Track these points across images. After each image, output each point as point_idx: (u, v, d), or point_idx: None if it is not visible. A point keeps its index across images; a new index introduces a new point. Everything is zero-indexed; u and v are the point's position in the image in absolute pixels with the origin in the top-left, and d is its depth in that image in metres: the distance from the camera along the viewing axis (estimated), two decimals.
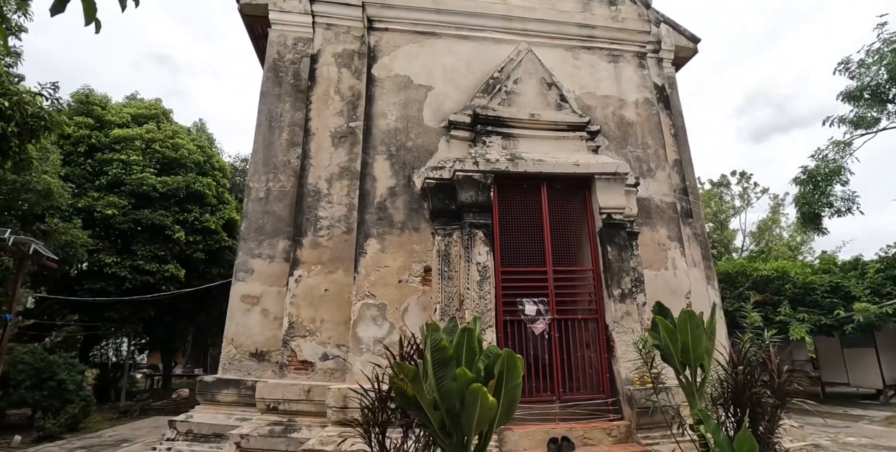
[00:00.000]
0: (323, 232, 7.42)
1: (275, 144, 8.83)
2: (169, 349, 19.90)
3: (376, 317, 6.23)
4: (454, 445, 3.78)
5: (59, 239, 10.71)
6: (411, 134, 6.93)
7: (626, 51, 8.04)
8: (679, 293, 6.96)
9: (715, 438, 4.33)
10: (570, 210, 6.42)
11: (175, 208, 15.07)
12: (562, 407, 5.62)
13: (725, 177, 27.54)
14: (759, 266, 14.68)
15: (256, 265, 8.25)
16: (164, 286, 14.64)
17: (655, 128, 7.75)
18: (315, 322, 7.07)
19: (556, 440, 5.07)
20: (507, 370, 3.71)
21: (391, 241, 6.50)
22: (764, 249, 24.73)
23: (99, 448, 9.17)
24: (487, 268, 5.83)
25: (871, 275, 13.02)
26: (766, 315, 13.77)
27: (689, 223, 8.33)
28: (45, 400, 10.97)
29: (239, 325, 8.00)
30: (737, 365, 4.80)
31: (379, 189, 6.69)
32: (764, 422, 4.82)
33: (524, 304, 5.77)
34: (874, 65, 14.74)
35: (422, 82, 7.18)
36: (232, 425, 7.07)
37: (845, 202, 13.84)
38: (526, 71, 6.97)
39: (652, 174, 7.46)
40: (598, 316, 6.00)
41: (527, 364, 5.69)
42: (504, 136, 6.59)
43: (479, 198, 6.00)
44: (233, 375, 7.73)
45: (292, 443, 6.14)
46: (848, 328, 12.68)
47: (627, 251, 6.12)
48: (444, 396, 3.67)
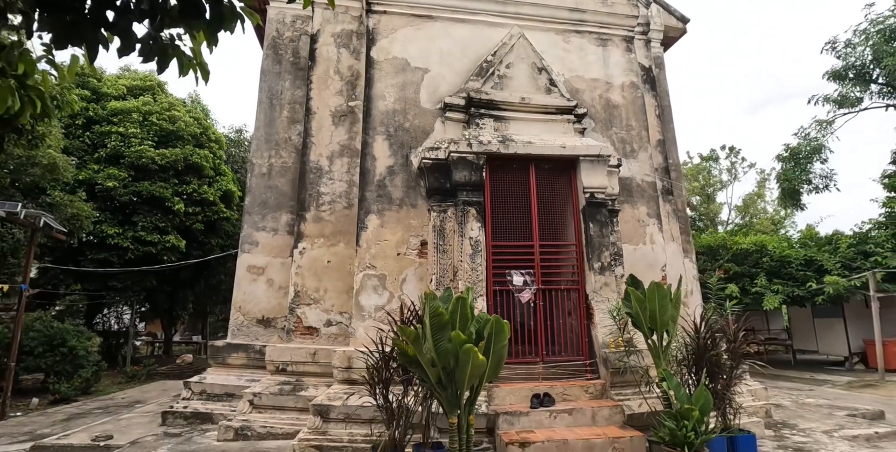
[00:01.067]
0: (325, 207, 7.86)
1: (276, 122, 9.16)
2: (170, 317, 20.51)
3: (377, 287, 6.75)
4: (449, 397, 4.37)
5: (65, 212, 11.06)
6: (409, 115, 7.30)
7: (614, 35, 8.36)
8: (655, 266, 7.54)
9: (676, 394, 4.96)
10: (556, 189, 6.91)
11: (174, 180, 15.37)
12: (545, 368, 6.24)
13: (714, 151, 28.04)
14: (739, 240, 15.34)
15: (261, 238, 8.73)
16: (165, 257, 15.09)
17: (640, 110, 8.15)
18: (319, 291, 7.59)
19: (538, 395, 5.70)
20: (496, 334, 4.27)
21: (390, 216, 6.97)
22: (748, 223, 25.47)
23: (115, 408, 9.78)
24: (479, 242, 6.34)
25: (843, 250, 13.70)
26: (744, 286, 14.51)
27: (669, 201, 8.84)
28: (58, 365, 11.55)
29: (246, 293, 8.54)
30: (699, 331, 5.40)
31: (378, 168, 7.11)
32: (721, 381, 5.46)
33: (512, 275, 6.32)
34: (860, 45, 15.09)
35: (419, 65, 7.51)
36: (242, 385, 7.68)
37: (823, 179, 14.43)
38: (518, 55, 7.31)
39: (635, 155, 7.92)
40: (579, 287, 6.58)
41: (514, 330, 6.28)
42: (496, 118, 6.99)
43: (472, 177, 6.45)
44: (241, 340, 8.31)
45: (300, 401, 6.76)
46: (819, 300, 13.44)
47: (608, 228, 6.64)
48: (441, 355, 4.22)
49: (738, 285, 14.42)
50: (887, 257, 13.00)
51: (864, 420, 8.03)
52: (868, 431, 7.13)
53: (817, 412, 8.43)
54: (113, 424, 7.97)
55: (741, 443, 5.26)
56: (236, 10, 1.70)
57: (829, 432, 6.89)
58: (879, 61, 14.35)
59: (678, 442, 4.63)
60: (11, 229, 10.52)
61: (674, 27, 10.38)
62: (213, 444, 6.46)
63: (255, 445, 6.39)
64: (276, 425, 6.69)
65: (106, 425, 7.91)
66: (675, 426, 4.67)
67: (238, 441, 6.54)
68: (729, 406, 5.49)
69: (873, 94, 15.44)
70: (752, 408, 7.49)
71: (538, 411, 5.51)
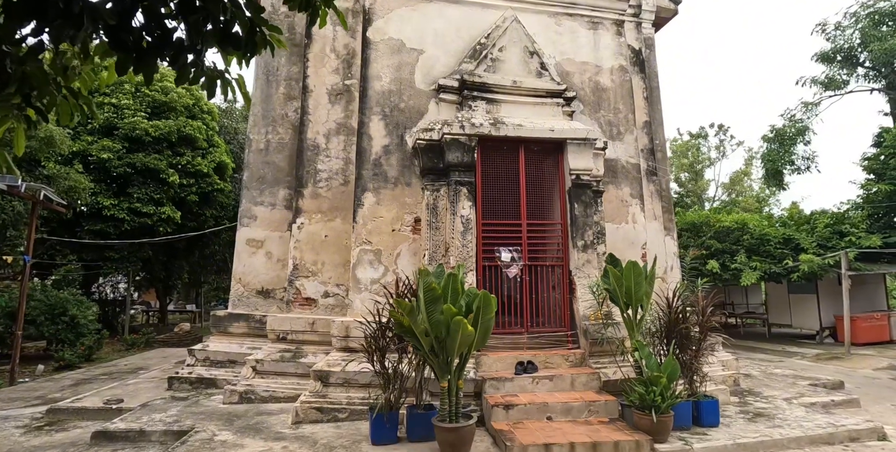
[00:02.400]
0: (322, 184, 8.14)
1: (273, 98, 9.32)
2: (165, 287, 20.86)
3: (373, 261, 7.12)
4: (440, 364, 4.80)
5: (63, 184, 11.22)
6: (404, 96, 7.52)
7: (605, 18, 8.53)
8: (636, 244, 7.95)
9: (647, 362, 5.44)
10: (544, 170, 7.23)
11: (167, 151, 15.47)
12: (529, 338, 6.71)
13: (704, 129, 28.35)
14: (721, 218, 15.83)
15: (259, 212, 9.02)
16: (161, 228, 15.33)
17: (627, 94, 8.41)
18: (317, 264, 7.95)
19: (522, 363, 6.17)
20: (483, 306, 4.67)
21: (385, 194, 7.28)
22: (734, 200, 26.04)
23: (119, 374, 10.21)
24: (470, 220, 6.69)
25: (819, 229, 14.25)
26: (724, 263, 15.08)
27: (653, 181, 9.18)
28: (61, 333, 11.93)
29: (246, 266, 8.89)
30: (671, 306, 5.85)
31: (374, 147, 7.37)
32: (690, 352, 5.94)
33: (500, 252, 6.70)
34: (849, 28, 15.27)
35: (414, 46, 7.68)
36: (244, 353, 8.11)
37: (805, 161, 14.83)
38: (510, 39, 7.50)
39: (621, 137, 8.22)
40: (563, 263, 6.99)
41: (501, 303, 6.70)
42: (488, 101, 7.24)
43: (464, 158, 6.75)
44: (242, 310, 8.70)
45: (300, 367, 7.20)
46: (794, 277, 14.05)
47: (592, 208, 7.01)
48: (434, 326, 4.63)
49: (719, 261, 15.00)
50: (861, 238, 13.57)
51: (824, 389, 8.65)
52: (825, 399, 7.74)
53: (782, 381, 9.03)
54: (121, 389, 8.40)
55: (705, 408, 5.77)
56: (266, 38, 1.97)
57: (789, 399, 7.46)
58: (866, 45, 14.59)
59: (646, 406, 5.11)
60: (12, 202, 10.69)
61: (665, 8, 10.50)
62: (220, 407, 6.92)
63: (258, 407, 6.86)
64: (278, 389, 7.16)
65: (115, 389, 8.34)
66: (645, 391, 5.15)
67: (243, 404, 7.00)
68: (696, 374, 5.98)
69: (859, 77, 15.72)
70: (721, 377, 8.04)
71: (522, 377, 5.98)
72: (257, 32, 1.87)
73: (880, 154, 14.69)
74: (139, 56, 1.74)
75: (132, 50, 1.71)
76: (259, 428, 5.90)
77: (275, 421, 6.17)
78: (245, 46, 1.87)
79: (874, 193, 14.60)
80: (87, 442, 5.93)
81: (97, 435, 5.97)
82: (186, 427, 6.02)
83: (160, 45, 1.75)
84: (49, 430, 6.59)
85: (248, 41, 1.86)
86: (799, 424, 6.02)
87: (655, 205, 9.18)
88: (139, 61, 1.75)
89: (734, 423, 6.01)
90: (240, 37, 1.83)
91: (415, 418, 5.21)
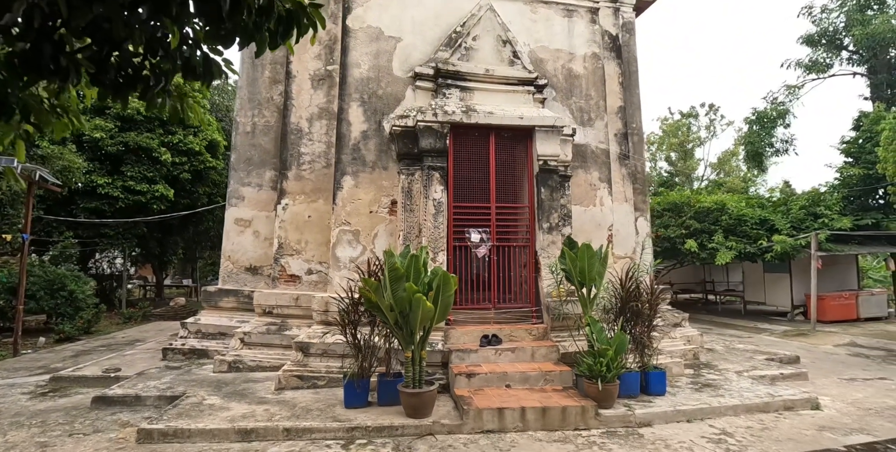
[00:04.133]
0: (305, 166, 8.51)
1: (258, 81, 9.59)
2: (161, 262, 21.35)
3: (351, 241, 7.56)
4: (404, 335, 5.29)
5: (57, 164, 11.55)
6: (382, 83, 7.83)
7: (580, 6, 8.76)
8: (603, 226, 8.39)
9: (597, 337, 5.93)
10: (513, 156, 7.61)
11: (159, 130, 15.73)
12: (496, 313, 7.21)
13: (694, 108, 28.50)
14: (702, 198, 16.24)
15: (246, 193, 9.40)
16: (155, 205, 15.71)
17: (599, 81, 8.72)
18: (301, 243, 8.39)
19: (486, 336, 6.68)
20: (443, 285, 5.13)
21: (364, 178, 7.67)
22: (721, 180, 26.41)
23: (117, 346, 10.76)
24: (441, 203, 7.11)
25: (794, 211, 14.69)
26: (702, 242, 15.58)
27: (625, 164, 9.57)
28: (60, 307, 12.44)
29: (234, 244, 9.32)
30: (623, 285, 6.32)
31: (353, 132, 7.72)
32: (641, 327, 6.44)
33: (470, 233, 7.14)
34: (835, 11, 15.39)
35: (392, 34, 7.95)
36: (233, 326, 8.62)
37: (784, 144, 15.15)
38: (484, 28, 7.77)
39: (591, 123, 8.57)
40: (530, 244, 7.44)
41: (470, 280, 7.21)
42: (462, 88, 7.56)
43: (437, 144, 7.12)
44: (231, 286, 9.17)
45: (285, 339, 7.71)
46: (768, 257, 14.56)
47: (558, 192, 7.42)
48: (398, 302, 5.10)
49: (697, 240, 15.48)
50: (833, 220, 14.03)
51: (778, 363, 9.20)
52: (775, 372, 8.27)
53: (741, 356, 9.58)
54: (119, 359, 8.94)
55: (652, 378, 6.31)
56: (222, 68, 2.33)
57: (740, 372, 8.00)
58: (850, 29, 14.75)
59: (594, 375, 5.64)
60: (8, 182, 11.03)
61: None
62: (210, 375, 7.45)
63: (246, 376, 7.40)
64: (264, 359, 7.69)
65: (113, 360, 8.88)
66: (593, 362, 5.67)
67: (231, 372, 7.53)
68: (647, 348, 6.49)
69: (843, 60, 15.92)
70: (681, 351, 8.60)
71: (485, 349, 6.50)
72: (213, 64, 2.24)
73: (858, 138, 15.02)
74: (115, 90, 2.13)
75: (109, 86, 2.10)
76: (245, 394, 6.44)
77: (260, 388, 6.71)
78: (203, 76, 2.25)
79: (849, 176, 14.99)
80: (87, 406, 6.47)
81: (97, 400, 6.51)
82: (179, 393, 6.55)
83: (132, 80, 2.14)
84: (53, 396, 7.13)
85: (206, 72, 2.24)
86: (740, 394, 6.57)
87: (627, 188, 9.58)
88: (116, 94, 2.14)
89: (681, 392, 6.56)
90: (198, 69, 2.21)
91: (384, 384, 5.73)
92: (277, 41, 2.19)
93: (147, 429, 5.19)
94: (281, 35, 2.15)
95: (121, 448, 5.09)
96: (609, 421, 5.51)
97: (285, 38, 2.19)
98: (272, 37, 2.15)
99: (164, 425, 5.25)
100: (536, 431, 5.32)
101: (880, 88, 14.87)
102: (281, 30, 2.13)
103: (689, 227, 15.96)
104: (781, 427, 5.74)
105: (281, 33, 2.14)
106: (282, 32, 2.14)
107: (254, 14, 1.94)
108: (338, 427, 5.21)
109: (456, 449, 4.88)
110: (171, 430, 5.18)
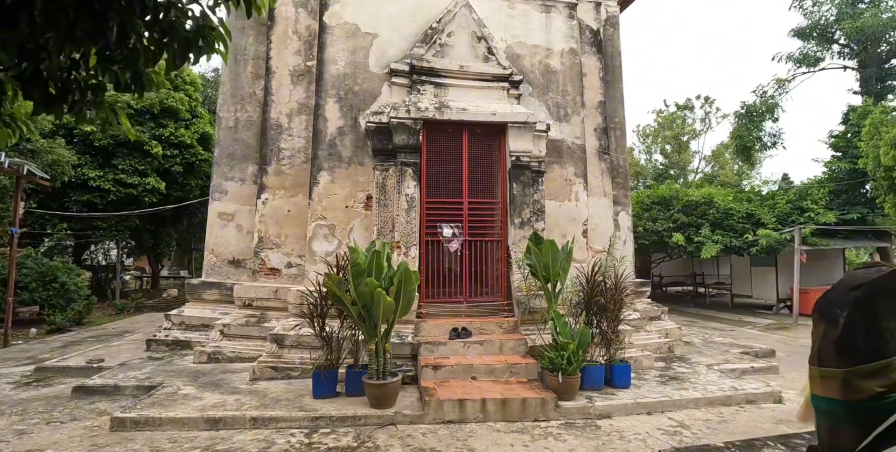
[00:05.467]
0: (285, 161, 8.62)
1: (241, 77, 9.67)
2: (155, 254, 21.55)
3: (327, 235, 7.69)
4: (368, 329, 5.44)
5: (46, 158, 11.68)
6: (358, 79, 7.91)
7: (558, 1, 8.78)
8: (578, 221, 8.50)
9: (561, 331, 6.07)
10: (486, 151, 7.71)
11: (150, 123, 15.83)
12: (468, 307, 7.35)
13: (690, 100, 28.41)
14: (690, 192, 16.32)
15: (229, 187, 9.53)
16: (146, 198, 15.86)
17: (577, 76, 8.77)
18: (280, 237, 8.53)
19: (456, 329, 6.83)
20: (405, 280, 5.27)
21: (340, 173, 7.78)
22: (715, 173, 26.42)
23: (106, 337, 10.96)
24: (414, 199, 7.23)
25: (781, 205, 14.75)
26: (689, 236, 15.69)
27: (604, 159, 9.65)
28: (52, 299, 12.64)
29: (217, 237, 9.46)
30: (589, 281, 6.45)
31: (330, 128, 7.82)
32: (607, 322, 6.57)
33: (442, 228, 7.26)
34: (826, 3, 15.33)
35: (368, 30, 8.01)
36: (215, 318, 8.79)
37: (772, 138, 15.17)
38: (459, 24, 7.82)
39: (568, 119, 8.64)
40: (502, 239, 7.56)
41: (443, 274, 7.34)
42: (436, 85, 7.64)
43: (410, 141, 7.22)
44: (214, 278, 9.33)
45: (264, 331, 7.87)
46: (754, 250, 14.66)
47: (531, 187, 7.52)
48: (360, 296, 5.24)
49: (685, 234, 15.59)
50: (819, 214, 14.10)
51: (752, 357, 9.33)
52: (746, 365, 8.40)
53: (717, 349, 9.70)
54: (105, 350, 9.13)
55: (617, 371, 6.45)
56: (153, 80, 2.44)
57: (711, 366, 8.12)
58: (840, 22, 14.71)
59: (556, 368, 5.78)
60: None
61: None
62: (190, 366, 7.63)
63: (224, 366, 7.57)
64: (243, 350, 7.86)
65: (99, 351, 9.07)
66: (555, 355, 5.81)
67: (211, 363, 7.71)
68: (612, 342, 6.62)
69: (834, 54, 15.87)
70: (656, 344, 8.74)
71: (454, 341, 6.65)
72: (143, 76, 2.35)
73: (846, 132, 15.04)
74: (46, 103, 2.25)
75: (40, 100, 2.22)
76: (220, 384, 6.61)
77: (235, 378, 6.88)
78: (133, 89, 2.37)
79: (837, 170, 15.02)
80: (68, 396, 6.65)
81: (77, 390, 6.70)
82: (156, 383, 6.73)
83: (62, 94, 2.26)
84: (36, 386, 7.32)
85: (136, 85, 2.35)
86: (704, 387, 6.70)
87: (606, 182, 9.67)
88: (47, 107, 2.27)
89: (646, 385, 6.70)
90: (129, 83, 2.32)
91: (351, 376, 5.89)
92: (176, 63, 2.29)
93: (120, 417, 5.37)
94: (179, 57, 2.25)
95: (94, 435, 5.27)
96: (568, 413, 5.67)
97: (184, 60, 2.30)
98: (173, 58, 2.25)
99: (137, 414, 5.42)
100: (496, 422, 5.48)
101: (869, 81, 14.86)
102: (179, 51, 2.23)
103: (676, 220, 16.06)
104: (739, 420, 5.88)
105: (179, 55, 2.25)
106: (180, 54, 2.24)
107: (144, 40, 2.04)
108: (303, 416, 5.38)
109: (415, 439, 5.04)
110: (142, 419, 5.35)
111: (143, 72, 2.29)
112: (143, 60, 2.17)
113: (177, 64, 2.29)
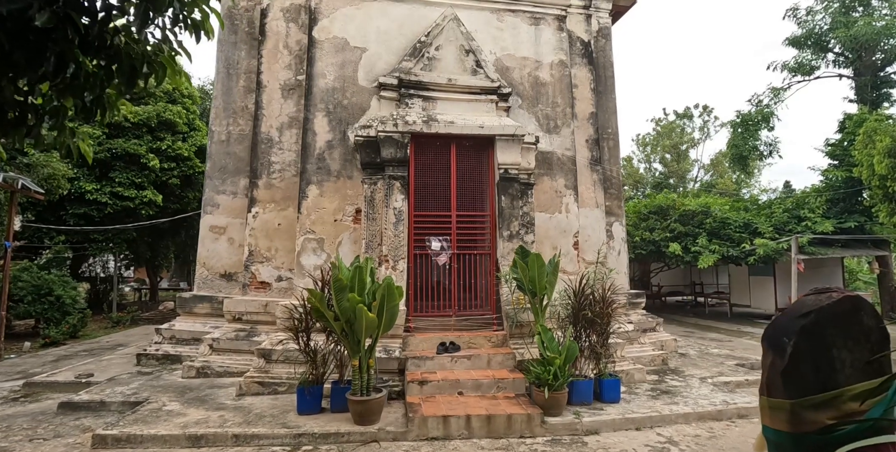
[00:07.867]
0: (276, 175, 8.63)
1: (233, 91, 9.72)
2: (153, 266, 21.58)
3: (316, 249, 7.68)
4: (351, 344, 5.40)
5: (42, 172, 11.73)
6: (347, 93, 7.95)
7: (548, 14, 8.84)
8: (569, 232, 8.47)
9: (548, 345, 6.01)
10: (475, 164, 7.71)
11: (147, 136, 15.91)
12: (457, 320, 7.30)
13: (689, 109, 28.44)
14: (686, 202, 16.27)
15: (221, 200, 9.53)
16: (143, 210, 15.90)
17: (566, 88, 8.79)
18: (271, 251, 8.51)
19: (444, 343, 6.78)
20: (388, 296, 5.23)
21: (328, 187, 7.78)
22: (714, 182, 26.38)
23: (99, 351, 10.92)
24: (402, 212, 7.21)
25: (777, 214, 14.69)
26: (686, 245, 15.61)
27: (596, 170, 9.63)
28: (47, 312, 12.63)
29: (209, 250, 9.45)
30: (577, 295, 6.40)
31: (318, 142, 7.84)
32: (596, 335, 6.51)
33: (431, 241, 7.24)
34: (819, 12, 15.38)
35: (357, 44, 8.06)
36: (206, 332, 8.75)
37: (767, 147, 15.15)
38: (447, 38, 7.86)
39: (558, 131, 8.64)
40: (491, 252, 7.53)
41: (431, 288, 7.30)
42: (424, 98, 7.66)
43: (398, 154, 7.23)
44: (206, 292, 9.30)
45: (253, 345, 7.83)
46: (751, 260, 14.58)
47: (520, 200, 7.50)
48: (342, 312, 5.21)
49: (682, 244, 15.52)
50: (816, 223, 14.03)
51: (748, 369, 9.23)
52: (740, 378, 8.29)
53: (712, 361, 9.60)
54: (95, 364, 9.09)
55: (606, 385, 6.38)
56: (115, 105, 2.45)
57: (705, 378, 8.04)
58: (834, 31, 14.74)
59: (542, 383, 5.72)
60: None
61: None
62: (178, 380, 7.58)
63: (213, 381, 7.52)
64: (232, 365, 7.81)
65: (89, 365, 9.03)
66: (542, 370, 5.75)
67: (199, 378, 7.66)
68: (602, 355, 6.56)
69: (829, 62, 15.90)
70: (649, 357, 8.67)
71: (442, 356, 6.59)
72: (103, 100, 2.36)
73: (843, 140, 15.01)
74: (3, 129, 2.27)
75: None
76: (206, 400, 6.56)
77: (222, 394, 6.83)
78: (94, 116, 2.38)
79: (833, 179, 14.97)
80: (54, 412, 6.61)
81: (63, 405, 6.66)
82: (142, 399, 6.69)
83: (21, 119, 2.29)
84: (23, 401, 7.28)
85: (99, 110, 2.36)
86: (696, 401, 6.61)
87: (598, 193, 9.65)
88: (4, 133, 2.29)
89: (636, 399, 6.62)
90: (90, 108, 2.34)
91: (336, 391, 5.84)
92: (123, 90, 2.30)
93: (101, 435, 5.32)
94: (126, 84, 2.27)
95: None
96: (555, 429, 5.59)
97: (132, 86, 2.31)
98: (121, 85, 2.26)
99: (119, 430, 5.38)
100: (481, 439, 5.41)
101: (865, 90, 14.85)
102: (124, 79, 2.25)
103: (673, 230, 15.99)
104: (730, 436, 5.79)
105: (125, 82, 2.26)
106: (125, 81, 2.26)
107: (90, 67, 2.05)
108: (285, 433, 5.32)
109: None
110: (124, 436, 5.31)
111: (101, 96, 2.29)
112: (88, 87, 2.18)
113: (123, 91, 2.30)
